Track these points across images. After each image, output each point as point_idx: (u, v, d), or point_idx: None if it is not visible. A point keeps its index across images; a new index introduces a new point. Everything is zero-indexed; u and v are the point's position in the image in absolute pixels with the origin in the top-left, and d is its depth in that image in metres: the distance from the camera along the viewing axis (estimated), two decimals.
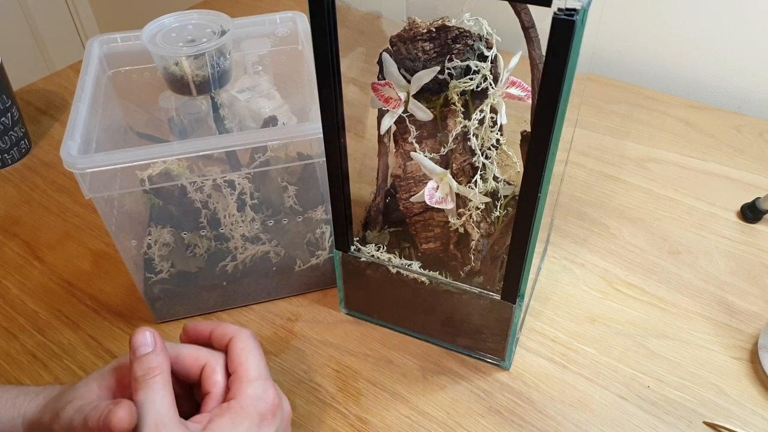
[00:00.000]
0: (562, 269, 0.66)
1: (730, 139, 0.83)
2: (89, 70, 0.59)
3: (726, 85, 0.90)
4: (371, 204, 0.60)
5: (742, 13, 0.84)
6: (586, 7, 0.33)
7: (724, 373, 0.57)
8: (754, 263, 0.66)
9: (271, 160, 0.55)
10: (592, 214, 0.72)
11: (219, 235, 0.59)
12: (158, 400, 0.40)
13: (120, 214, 0.58)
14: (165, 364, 0.42)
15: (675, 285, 0.64)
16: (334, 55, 0.43)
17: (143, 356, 0.42)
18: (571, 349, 0.59)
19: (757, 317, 0.61)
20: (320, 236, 0.62)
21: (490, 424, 0.53)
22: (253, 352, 0.45)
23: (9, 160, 0.81)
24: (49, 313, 0.64)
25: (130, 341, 0.43)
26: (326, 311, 0.63)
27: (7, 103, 0.79)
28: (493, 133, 0.49)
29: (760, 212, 0.70)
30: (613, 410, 0.54)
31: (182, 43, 0.56)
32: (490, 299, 0.53)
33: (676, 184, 0.76)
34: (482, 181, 0.50)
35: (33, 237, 0.72)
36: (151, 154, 0.50)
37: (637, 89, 0.92)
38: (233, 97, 0.63)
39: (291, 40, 0.66)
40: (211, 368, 0.45)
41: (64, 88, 0.96)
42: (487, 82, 0.47)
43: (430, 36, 0.47)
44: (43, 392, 0.46)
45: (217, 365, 0.45)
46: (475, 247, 0.53)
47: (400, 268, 0.55)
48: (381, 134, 0.54)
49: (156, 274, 0.59)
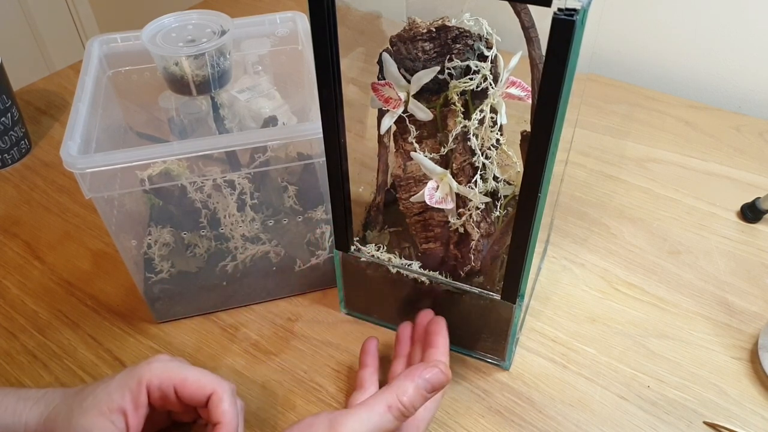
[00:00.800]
0: (562, 269, 0.66)
1: (730, 139, 0.83)
2: (89, 70, 0.59)
3: (726, 85, 0.90)
4: (371, 204, 0.60)
5: (742, 13, 0.84)
6: (586, 7, 0.33)
7: (724, 373, 0.57)
8: (754, 263, 0.66)
9: (271, 160, 0.55)
10: (592, 214, 0.72)
11: (219, 235, 0.59)
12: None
13: (120, 214, 0.58)
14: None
15: (675, 285, 0.64)
16: (334, 55, 0.43)
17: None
18: (571, 349, 0.59)
19: (757, 317, 0.61)
20: (320, 236, 0.62)
21: (490, 424, 0.53)
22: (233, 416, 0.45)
23: (9, 160, 0.81)
24: (49, 313, 0.64)
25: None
26: (326, 311, 0.63)
27: (7, 103, 0.79)
28: (493, 133, 0.49)
29: (760, 212, 0.70)
30: (613, 410, 0.54)
31: (182, 43, 0.56)
32: (490, 299, 0.53)
33: (676, 184, 0.76)
34: (482, 181, 0.50)
35: (33, 237, 0.72)
36: (151, 154, 0.50)
37: (637, 89, 0.92)
38: (233, 97, 0.63)
39: (291, 40, 0.66)
40: (219, 398, 0.45)
41: (64, 88, 0.96)
42: (487, 82, 0.47)
43: (430, 36, 0.47)
44: (43, 398, 0.46)
45: (224, 393, 0.45)
46: (475, 247, 0.53)
47: (400, 268, 0.55)
48: (381, 134, 0.54)
49: (156, 274, 0.59)
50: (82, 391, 0.46)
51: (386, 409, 0.41)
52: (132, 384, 0.44)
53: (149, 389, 0.45)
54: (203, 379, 0.46)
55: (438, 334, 0.52)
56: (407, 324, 0.56)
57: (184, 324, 0.62)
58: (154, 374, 0.45)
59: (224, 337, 0.61)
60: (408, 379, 0.43)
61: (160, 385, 0.45)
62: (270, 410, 0.55)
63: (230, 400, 0.45)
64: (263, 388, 0.56)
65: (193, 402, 0.46)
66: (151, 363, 0.46)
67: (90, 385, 0.46)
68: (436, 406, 0.48)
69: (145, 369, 0.45)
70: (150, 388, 0.45)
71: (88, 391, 0.45)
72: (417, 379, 0.42)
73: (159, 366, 0.46)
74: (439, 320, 0.53)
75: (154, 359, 0.46)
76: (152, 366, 0.46)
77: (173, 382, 0.45)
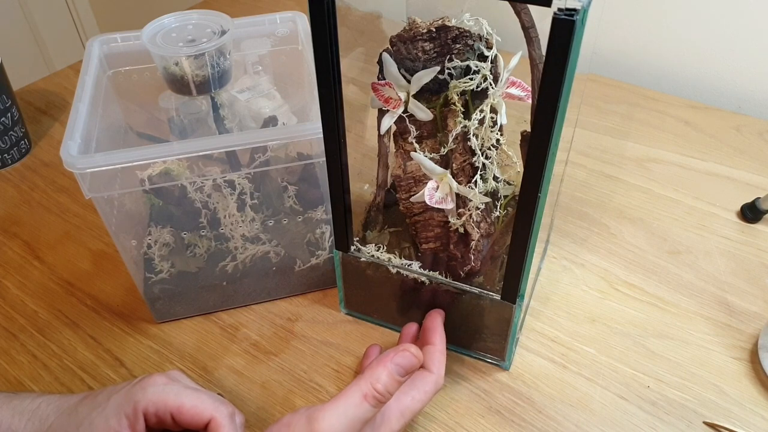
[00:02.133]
0: (562, 269, 0.66)
1: (730, 139, 0.83)
2: (89, 70, 0.59)
3: (726, 85, 0.90)
4: (371, 204, 0.60)
5: (742, 14, 0.84)
6: (586, 7, 0.33)
7: (724, 373, 0.57)
8: (754, 263, 0.66)
9: (271, 160, 0.55)
10: (592, 214, 0.72)
11: (219, 235, 0.59)
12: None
13: (120, 214, 0.58)
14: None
15: (675, 285, 0.64)
16: (334, 55, 0.43)
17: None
18: (571, 349, 0.59)
19: (757, 317, 0.61)
20: (320, 236, 0.62)
21: (490, 424, 0.53)
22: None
23: (9, 160, 0.81)
24: (49, 313, 0.64)
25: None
26: (326, 311, 0.63)
27: (7, 103, 0.79)
28: (493, 133, 0.49)
29: (760, 212, 0.70)
30: (613, 410, 0.54)
31: (182, 43, 0.56)
32: (490, 299, 0.53)
33: (676, 184, 0.76)
34: (482, 181, 0.50)
35: (33, 237, 0.72)
36: (151, 154, 0.50)
37: (637, 89, 0.92)
38: (233, 97, 0.63)
39: (291, 40, 0.66)
40: (217, 425, 0.44)
41: (64, 88, 0.96)
42: (487, 82, 0.47)
43: (430, 36, 0.47)
44: (36, 413, 0.45)
45: (223, 419, 0.44)
46: (475, 247, 0.53)
47: (400, 268, 0.55)
48: (381, 134, 0.54)
49: (156, 274, 0.59)
50: (76, 412, 0.44)
51: (362, 398, 0.42)
52: (128, 410, 0.43)
53: (146, 415, 0.44)
54: (200, 405, 0.44)
55: (434, 330, 0.52)
56: (413, 324, 0.56)
57: (184, 324, 0.62)
58: (149, 400, 0.44)
59: (224, 337, 0.61)
60: (380, 365, 0.43)
61: (156, 412, 0.44)
62: (270, 410, 0.55)
63: (229, 426, 0.44)
64: (263, 388, 0.56)
65: (192, 427, 0.45)
66: (146, 388, 0.44)
67: (83, 403, 0.45)
68: (423, 398, 0.47)
69: (140, 395, 0.44)
70: (147, 415, 0.44)
71: (82, 413, 0.44)
72: (389, 365, 0.43)
73: (155, 391, 0.44)
74: (435, 316, 0.53)
75: (150, 383, 0.45)
76: (147, 391, 0.44)
77: (169, 409, 0.44)
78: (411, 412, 0.47)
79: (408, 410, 0.46)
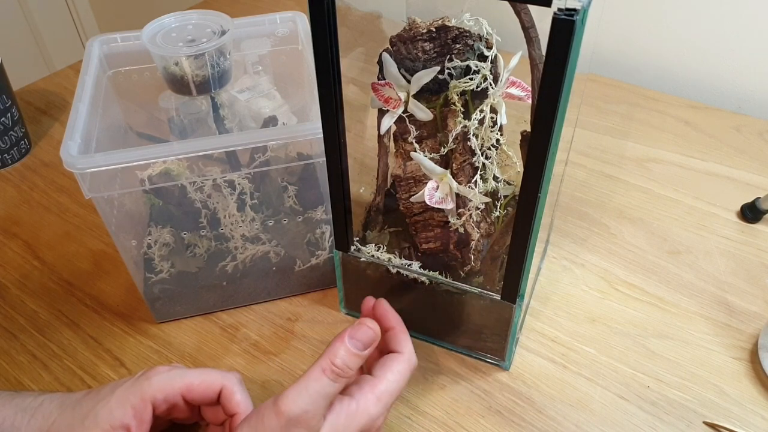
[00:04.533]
0: (562, 269, 0.66)
1: (730, 139, 0.83)
2: (89, 70, 0.59)
3: (726, 85, 0.90)
4: (371, 204, 0.60)
5: (742, 14, 0.84)
6: (586, 7, 0.33)
7: (724, 373, 0.57)
8: (754, 263, 0.66)
9: (271, 160, 0.55)
10: (592, 214, 0.72)
11: (219, 235, 0.59)
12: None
13: (120, 214, 0.58)
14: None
15: (675, 285, 0.64)
16: (334, 55, 0.43)
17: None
18: (571, 349, 0.59)
19: (757, 317, 0.61)
20: (320, 236, 0.62)
21: (490, 424, 0.53)
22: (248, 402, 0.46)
23: (9, 160, 0.81)
24: (49, 313, 0.64)
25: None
26: (326, 311, 0.63)
27: (7, 103, 0.79)
28: (493, 133, 0.49)
29: (760, 212, 0.70)
30: (613, 410, 0.54)
31: (182, 43, 0.56)
32: (490, 299, 0.53)
33: (676, 184, 0.76)
34: (482, 181, 0.50)
35: (33, 237, 0.72)
36: (151, 154, 0.50)
37: (637, 89, 0.92)
38: (233, 97, 0.63)
39: (291, 40, 0.66)
40: (230, 391, 0.46)
41: (64, 88, 0.96)
42: (487, 82, 0.47)
43: (430, 36, 0.47)
44: (39, 410, 0.45)
45: (234, 386, 0.46)
46: (475, 247, 0.53)
47: (400, 268, 0.55)
48: (381, 134, 0.54)
49: (156, 274, 0.59)
50: (80, 406, 0.45)
51: (320, 372, 0.42)
52: (134, 400, 0.44)
53: (154, 404, 0.44)
54: (208, 378, 0.46)
55: (386, 316, 0.51)
56: (370, 298, 0.53)
57: (184, 324, 0.62)
58: (157, 389, 0.44)
59: (224, 337, 0.61)
60: (338, 340, 0.44)
61: (165, 398, 0.45)
62: None
63: (241, 390, 0.46)
64: (263, 388, 0.56)
65: (204, 402, 0.46)
66: (151, 378, 0.45)
67: (86, 398, 0.45)
68: (398, 378, 0.47)
69: (146, 385, 0.45)
70: (155, 403, 0.44)
71: (86, 407, 0.44)
72: (345, 339, 0.44)
73: (160, 379, 0.45)
74: (380, 303, 0.52)
75: (153, 372, 0.46)
76: (153, 381, 0.45)
77: (179, 391, 0.45)
78: (388, 394, 0.46)
79: (384, 393, 0.46)
